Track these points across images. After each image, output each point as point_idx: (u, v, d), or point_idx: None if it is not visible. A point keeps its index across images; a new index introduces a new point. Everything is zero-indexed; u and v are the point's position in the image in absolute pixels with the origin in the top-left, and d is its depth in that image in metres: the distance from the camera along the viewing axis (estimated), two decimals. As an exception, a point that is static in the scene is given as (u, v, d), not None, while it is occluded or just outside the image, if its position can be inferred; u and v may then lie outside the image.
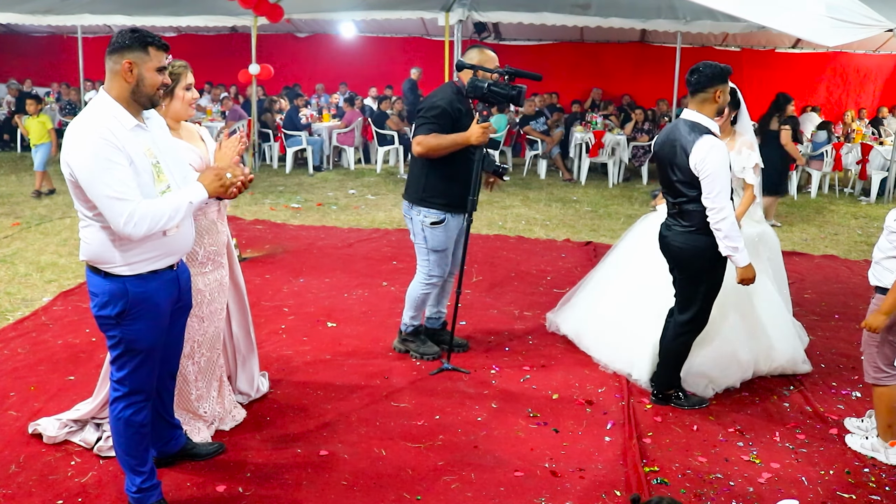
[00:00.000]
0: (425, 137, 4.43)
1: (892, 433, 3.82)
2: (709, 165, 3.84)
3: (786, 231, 9.45)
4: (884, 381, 3.77)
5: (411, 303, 4.86)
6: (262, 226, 8.53)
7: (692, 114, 4.04)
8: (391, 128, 12.89)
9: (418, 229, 4.68)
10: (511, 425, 4.05)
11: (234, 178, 2.92)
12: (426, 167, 4.57)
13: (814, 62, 16.24)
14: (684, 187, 3.99)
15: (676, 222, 4.11)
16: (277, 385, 4.39)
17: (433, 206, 4.57)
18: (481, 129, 4.34)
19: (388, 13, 12.21)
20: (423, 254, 4.74)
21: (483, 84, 4.31)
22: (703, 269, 4.08)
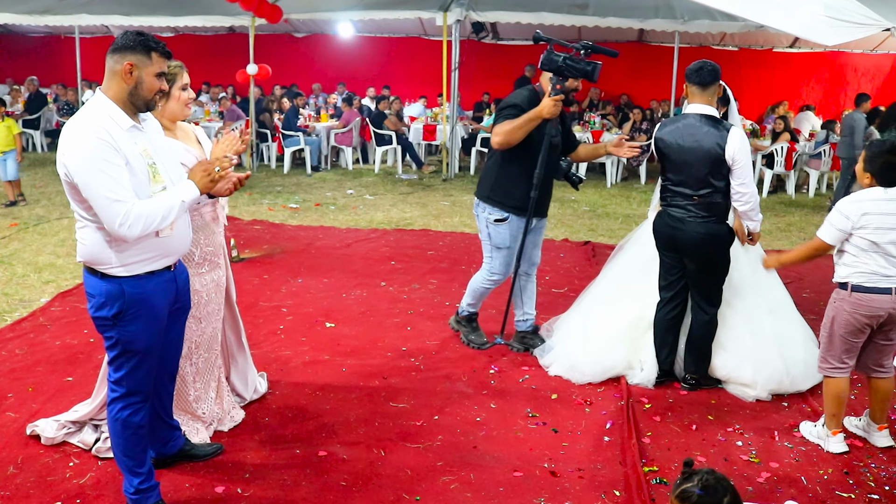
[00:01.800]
0: (500, 125, 4.47)
1: (835, 422, 3.92)
2: (744, 154, 4.15)
3: (784, 230, 9.46)
4: (830, 373, 3.90)
5: (471, 291, 5.02)
6: (260, 226, 8.52)
7: (704, 108, 4.24)
8: (389, 128, 12.88)
9: (483, 225, 4.79)
10: (510, 425, 4.04)
11: (223, 170, 2.91)
12: (498, 165, 4.69)
13: (811, 62, 16.25)
14: (714, 179, 4.21)
15: (692, 213, 4.29)
16: (276, 386, 4.38)
17: (498, 205, 4.67)
18: (553, 102, 4.35)
19: (386, 13, 12.21)
20: (488, 250, 4.85)
21: (559, 57, 4.31)
22: (721, 255, 4.37)
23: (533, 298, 5.13)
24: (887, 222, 3.61)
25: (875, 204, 3.62)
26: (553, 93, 4.36)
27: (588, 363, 4.66)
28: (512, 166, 4.61)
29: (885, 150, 3.64)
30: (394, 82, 15.97)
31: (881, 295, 3.68)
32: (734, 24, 11.55)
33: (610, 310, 4.90)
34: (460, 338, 5.16)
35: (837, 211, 3.67)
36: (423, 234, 8.44)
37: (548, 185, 4.79)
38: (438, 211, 9.75)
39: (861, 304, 3.71)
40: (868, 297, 3.70)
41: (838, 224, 3.66)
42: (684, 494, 2.27)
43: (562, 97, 4.36)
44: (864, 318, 3.74)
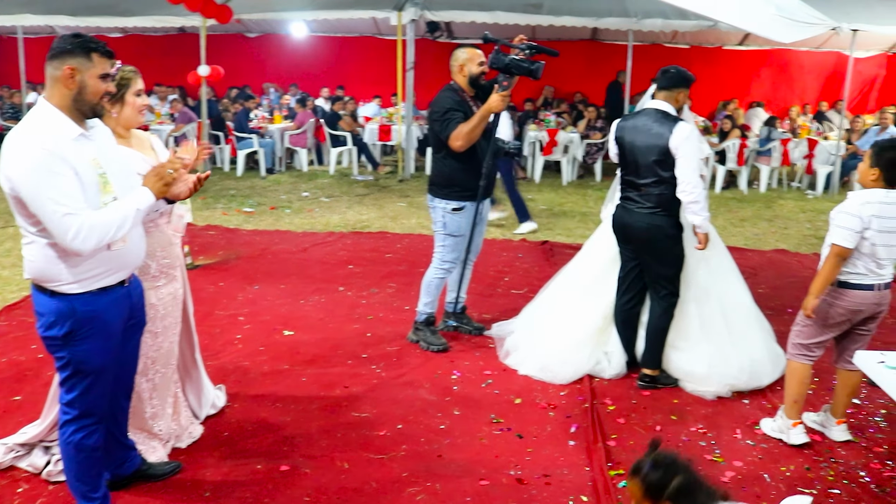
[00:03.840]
0: (458, 130, 4.72)
1: (796, 410, 3.99)
2: (688, 148, 4.28)
3: (737, 226, 9.58)
4: (798, 359, 3.98)
5: (426, 288, 5.15)
6: (214, 231, 8.35)
7: (660, 103, 4.46)
8: (344, 129, 12.76)
9: (439, 216, 4.99)
10: (475, 432, 4.00)
11: (176, 171, 2.80)
12: (445, 162, 4.92)
13: (760, 59, 16.52)
14: (660, 169, 4.36)
15: (639, 204, 4.46)
16: (235, 398, 4.28)
17: (454, 197, 4.90)
18: (500, 97, 4.62)
19: (340, 13, 12.12)
20: (440, 239, 5.04)
21: (506, 57, 4.59)
22: (668, 245, 4.49)
23: (467, 283, 5.50)
24: (888, 226, 3.67)
25: (880, 207, 3.65)
26: (500, 89, 4.63)
27: (558, 363, 4.69)
28: (460, 160, 4.85)
29: (893, 146, 3.69)
30: (348, 82, 15.82)
31: (864, 291, 3.75)
32: (687, 22, 11.68)
33: (577, 308, 4.93)
34: (420, 345, 5.13)
35: (847, 214, 3.66)
36: (381, 236, 8.37)
37: (494, 168, 5.07)
38: (395, 212, 9.68)
39: (845, 300, 3.78)
40: (852, 293, 3.76)
41: (854, 226, 3.64)
42: (636, 466, 2.30)
43: (508, 93, 4.64)
44: (847, 313, 3.81)
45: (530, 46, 4.62)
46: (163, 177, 2.81)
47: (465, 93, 4.91)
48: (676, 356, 4.67)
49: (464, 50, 4.95)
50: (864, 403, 4.55)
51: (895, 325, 5.76)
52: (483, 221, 5.25)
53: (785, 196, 11.98)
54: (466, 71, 4.88)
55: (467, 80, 4.90)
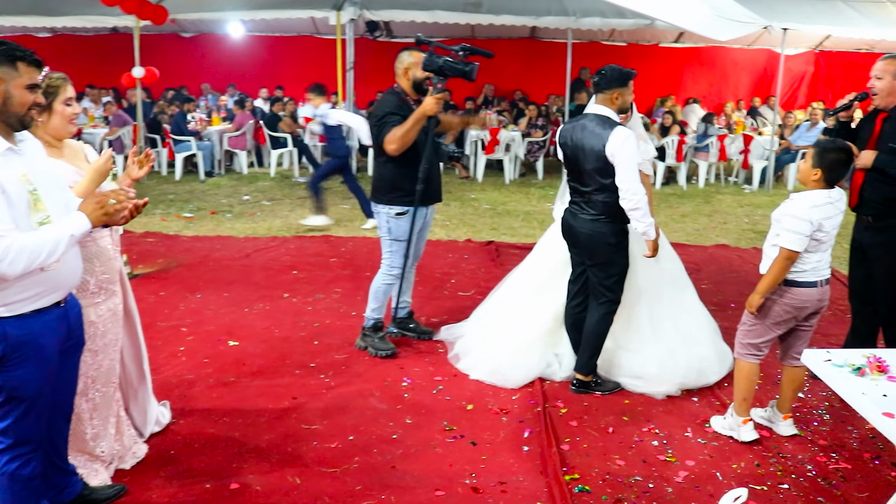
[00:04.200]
0: (392, 133, 4.67)
1: (745, 408, 4.05)
2: (624, 153, 4.17)
3: (678, 222, 9.73)
4: (746, 358, 4.03)
5: (373, 294, 5.08)
6: (153, 238, 8.13)
7: (598, 108, 4.37)
8: (284, 130, 12.58)
9: (383, 222, 4.94)
10: (428, 441, 3.95)
11: (119, 203, 2.65)
12: (386, 167, 4.86)
13: (694, 56, 16.81)
14: (598, 175, 4.27)
15: (584, 210, 4.39)
16: (180, 414, 4.14)
17: (398, 202, 4.84)
18: (435, 100, 4.56)
19: (277, 12, 11.93)
20: (387, 245, 4.99)
21: (439, 59, 4.52)
22: (612, 252, 4.40)
23: (411, 287, 5.49)
24: (834, 222, 3.77)
25: (826, 209, 3.72)
26: (435, 91, 4.58)
27: (509, 366, 4.67)
28: (401, 165, 4.78)
29: (835, 148, 3.76)
30: (287, 83, 15.60)
31: (809, 288, 3.82)
32: (625, 21, 11.82)
33: (528, 309, 4.92)
34: (368, 351, 5.07)
35: (798, 218, 3.69)
36: (324, 240, 8.26)
37: (436, 171, 5.08)
38: (338, 215, 9.56)
39: (792, 298, 3.84)
40: (798, 290, 3.83)
41: (805, 230, 3.68)
42: None
43: (445, 95, 4.60)
44: (793, 311, 3.87)
45: (464, 48, 4.57)
46: (104, 206, 2.63)
47: (408, 96, 4.86)
48: (628, 358, 4.69)
49: (409, 53, 4.88)
50: (807, 397, 4.64)
51: (833, 317, 5.89)
52: (427, 226, 5.21)
53: (723, 191, 12.22)
54: (411, 75, 4.81)
55: (411, 84, 4.84)
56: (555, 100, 14.66)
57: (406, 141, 4.67)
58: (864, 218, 4.53)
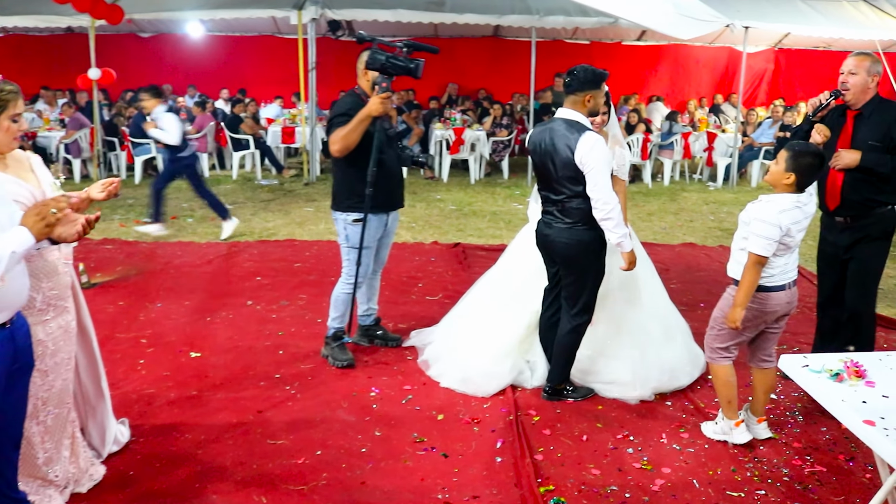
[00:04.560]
0: (335, 133, 4.55)
1: (733, 410, 4.01)
2: (593, 160, 4.01)
3: (645, 220, 9.72)
4: (718, 361, 3.98)
5: (334, 303, 4.95)
6: (111, 245, 7.88)
7: (568, 112, 4.19)
8: (246, 132, 12.37)
9: (341, 228, 4.82)
10: (398, 454, 3.84)
11: (60, 211, 2.47)
12: (343, 172, 4.75)
13: (657, 54, 16.90)
14: (570, 183, 4.12)
15: (558, 219, 4.24)
16: (139, 431, 3.96)
17: (354, 209, 4.71)
18: (379, 100, 4.44)
19: (237, 12, 11.72)
20: (346, 253, 4.86)
21: (382, 56, 4.38)
22: (589, 262, 4.26)
23: (377, 293, 5.33)
24: (801, 226, 3.73)
25: (794, 213, 3.67)
26: (380, 91, 4.45)
27: (481, 375, 4.57)
28: (356, 169, 4.64)
29: (810, 153, 3.69)
30: (249, 83, 15.35)
31: (778, 292, 3.79)
32: (588, 19, 11.81)
33: (500, 317, 4.82)
34: (328, 360, 4.93)
35: (767, 223, 3.63)
36: (288, 244, 8.09)
37: (398, 177, 4.95)
38: (302, 218, 9.40)
39: (761, 302, 3.80)
40: (766, 295, 3.79)
41: (774, 235, 3.63)
42: None
43: (389, 94, 4.47)
44: (762, 315, 3.84)
45: (408, 44, 4.42)
46: (44, 216, 2.44)
47: (367, 98, 4.68)
48: (603, 363, 4.62)
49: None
50: (780, 398, 4.62)
51: (802, 315, 5.88)
52: (390, 233, 5.09)
53: (688, 188, 12.27)
54: (371, 76, 4.66)
55: (371, 85, 4.69)
56: (519, 98, 14.62)
57: (348, 142, 4.53)
58: (841, 220, 4.43)
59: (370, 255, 4.87)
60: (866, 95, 4.26)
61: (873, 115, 4.25)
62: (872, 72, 4.23)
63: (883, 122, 4.21)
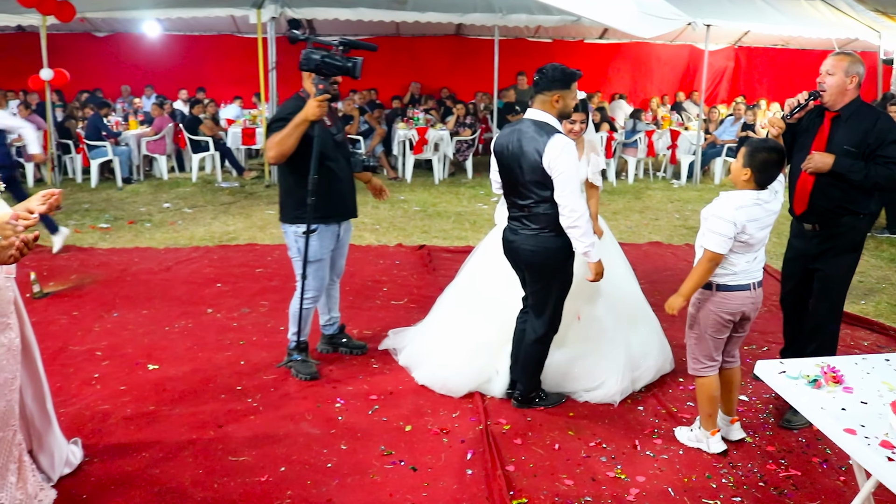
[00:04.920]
0: (270, 139, 4.31)
1: (712, 422, 3.94)
2: (561, 164, 3.83)
3: (611, 219, 9.67)
4: (703, 373, 3.89)
5: (292, 319, 4.75)
6: (65, 252, 7.58)
7: (536, 113, 4.01)
8: (205, 133, 12.12)
9: (292, 242, 4.61)
10: (365, 468, 3.70)
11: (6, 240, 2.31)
12: (289, 181, 4.51)
13: (619, 52, 16.94)
14: (536, 188, 3.94)
15: (524, 226, 4.06)
16: (93, 451, 3.77)
17: (304, 221, 4.43)
18: (316, 103, 4.19)
19: (195, 11, 11.47)
20: (298, 267, 4.60)
21: (317, 55, 4.16)
22: (555, 269, 4.09)
23: (337, 301, 5.13)
24: (760, 224, 3.65)
25: (752, 210, 3.60)
26: (317, 93, 4.21)
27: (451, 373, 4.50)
28: (299, 177, 4.40)
29: (766, 148, 3.63)
30: (208, 83, 15.06)
31: (742, 292, 3.72)
32: (551, 17, 11.77)
33: (472, 320, 4.71)
34: (291, 372, 4.75)
35: (721, 219, 3.57)
36: (250, 249, 7.90)
37: (348, 184, 4.72)
38: (264, 221, 9.21)
39: (725, 303, 3.74)
40: (731, 294, 3.72)
41: (728, 232, 3.57)
42: None
43: (327, 97, 4.22)
44: (728, 315, 3.77)
45: (343, 42, 4.20)
46: None
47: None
48: (580, 364, 4.52)
49: None
50: (751, 399, 4.58)
51: (769, 314, 5.86)
52: (344, 244, 4.90)
53: (652, 186, 12.28)
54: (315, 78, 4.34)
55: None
56: (482, 97, 14.54)
57: (283, 148, 4.27)
58: (810, 226, 4.27)
59: (324, 267, 4.66)
60: (844, 97, 4.06)
61: (851, 118, 4.05)
62: (851, 72, 4.03)
63: (860, 127, 4.01)
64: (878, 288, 6.96)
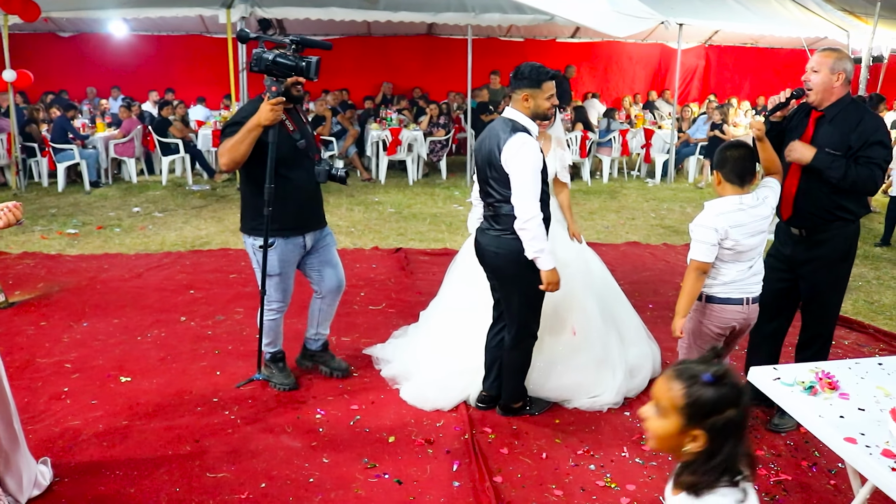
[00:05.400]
0: (222, 145, 3.99)
1: None
2: (518, 163, 3.71)
3: (587, 219, 9.65)
4: None
5: (263, 330, 4.53)
6: (32, 260, 7.38)
7: (509, 110, 3.92)
8: (175, 135, 11.90)
9: (251, 253, 4.33)
10: (348, 482, 3.58)
11: None
12: (248, 190, 4.23)
13: (590, 51, 16.94)
14: (499, 186, 3.82)
15: (490, 226, 3.96)
16: (64, 471, 3.61)
17: (259, 232, 4.17)
18: (269, 106, 3.87)
19: (162, 10, 11.23)
20: (259, 279, 4.34)
21: (269, 56, 3.89)
22: (518, 274, 3.91)
23: (329, 318, 4.77)
24: (747, 230, 3.55)
25: (736, 216, 3.52)
26: (270, 95, 3.91)
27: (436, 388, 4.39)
28: (255, 186, 4.11)
29: (726, 147, 3.64)
30: (176, 85, 14.81)
31: (733, 305, 3.64)
32: (524, 17, 11.70)
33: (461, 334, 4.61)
34: (270, 383, 4.60)
35: (702, 227, 3.52)
36: (223, 254, 7.73)
37: (311, 194, 4.34)
38: (236, 225, 8.86)
39: (714, 315, 3.67)
40: (720, 307, 3.65)
41: (710, 239, 3.51)
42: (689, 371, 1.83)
43: (281, 100, 3.92)
44: (717, 329, 3.70)
45: (295, 40, 3.95)
46: None
47: None
48: (570, 374, 4.42)
49: None
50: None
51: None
52: (321, 252, 4.52)
53: (627, 186, 12.27)
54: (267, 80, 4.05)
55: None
56: (455, 97, 14.44)
57: (235, 155, 3.95)
58: (796, 231, 4.05)
59: (286, 280, 4.37)
60: (831, 95, 3.86)
61: (836, 119, 3.84)
62: (837, 69, 3.83)
63: (843, 127, 3.81)
64: (854, 286, 6.97)
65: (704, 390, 1.79)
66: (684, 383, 1.81)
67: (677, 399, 1.81)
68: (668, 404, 1.82)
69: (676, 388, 1.82)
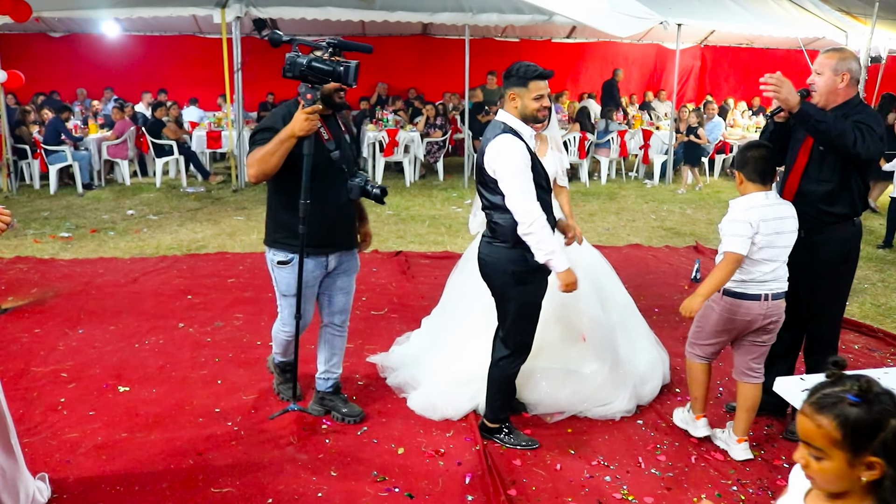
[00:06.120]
0: (252, 155, 3.63)
1: (697, 406, 4.01)
2: (501, 165, 3.55)
3: (587, 221, 9.56)
4: (692, 357, 3.96)
5: (274, 338, 4.29)
6: (25, 265, 7.22)
7: (502, 113, 3.75)
8: (169, 137, 11.75)
9: (270, 268, 4.00)
10: (358, 497, 3.45)
11: None
12: (278, 203, 3.88)
13: (586, 51, 16.89)
14: (486, 192, 3.70)
15: (486, 233, 3.81)
16: (62, 485, 3.46)
17: (282, 246, 3.87)
18: (304, 116, 3.51)
19: (155, 10, 11.10)
20: (278, 297, 4.06)
21: (303, 60, 3.53)
22: (505, 285, 3.72)
23: (338, 354, 4.28)
24: (777, 227, 3.57)
25: (763, 210, 3.55)
26: (306, 104, 3.55)
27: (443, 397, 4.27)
28: (283, 197, 3.82)
29: (745, 147, 3.70)
30: (169, 85, 14.65)
31: (751, 301, 3.63)
32: (521, 17, 11.63)
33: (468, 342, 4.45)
34: (274, 391, 4.46)
35: (736, 221, 3.53)
36: (220, 258, 7.59)
37: (342, 210, 3.92)
38: (233, 228, 8.90)
39: (731, 309, 3.68)
40: (738, 302, 3.66)
41: (745, 232, 3.51)
42: (823, 399, 1.66)
43: (318, 108, 3.56)
44: (731, 323, 3.71)
45: (333, 43, 3.57)
46: None
47: None
48: (584, 381, 4.31)
49: None
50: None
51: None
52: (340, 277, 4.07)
53: (625, 187, 12.19)
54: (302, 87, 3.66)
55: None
56: (450, 97, 14.35)
57: (265, 167, 3.59)
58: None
59: (307, 302, 3.97)
60: (836, 97, 3.76)
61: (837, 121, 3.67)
62: (840, 70, 3.73)
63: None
64: (860, 288, 6.89)
65: (856, 411, 1.62)
66: (832, 413, 1.64)
67: (832, 433, 1.63)
68: (825, 442, 1.64)
69: (825, 421, 1.64)
